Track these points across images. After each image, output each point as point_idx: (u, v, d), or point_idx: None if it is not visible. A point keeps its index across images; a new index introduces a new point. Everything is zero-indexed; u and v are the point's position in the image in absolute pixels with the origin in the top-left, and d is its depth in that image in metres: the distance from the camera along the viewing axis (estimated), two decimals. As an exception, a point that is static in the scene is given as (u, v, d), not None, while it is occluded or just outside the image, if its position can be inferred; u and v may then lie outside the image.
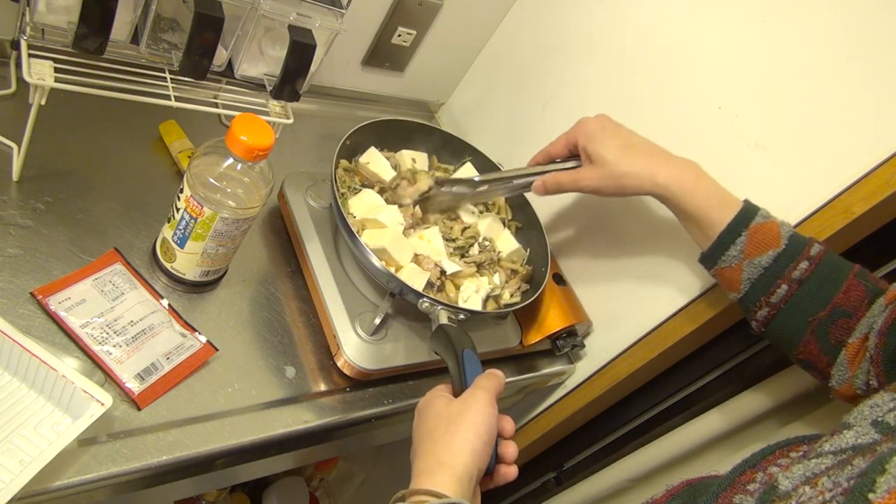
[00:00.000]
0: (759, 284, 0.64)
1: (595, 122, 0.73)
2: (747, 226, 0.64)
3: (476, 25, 1.09)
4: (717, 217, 0.66)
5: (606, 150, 0.70)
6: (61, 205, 0.70)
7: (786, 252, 0.63)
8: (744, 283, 0.65)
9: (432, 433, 0.54)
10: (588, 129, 0.73)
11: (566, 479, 1.10)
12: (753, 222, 0.64)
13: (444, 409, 0.56)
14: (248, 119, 0.60)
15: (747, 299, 0.66)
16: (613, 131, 0.72)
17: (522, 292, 0.86)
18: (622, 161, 0.69)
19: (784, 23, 0.74)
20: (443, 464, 0.51)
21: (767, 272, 0.64)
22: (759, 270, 0.64)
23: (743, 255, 0.64)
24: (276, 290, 0.78)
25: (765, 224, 0.65)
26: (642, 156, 0.70)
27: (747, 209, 0.65)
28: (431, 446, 0.53)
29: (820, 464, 0.45)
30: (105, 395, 0.54)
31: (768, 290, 0.64)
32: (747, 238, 0.64)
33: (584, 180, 0.73)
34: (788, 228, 0.65)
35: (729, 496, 0.49)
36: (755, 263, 0.64)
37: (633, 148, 0.70)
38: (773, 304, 0.64)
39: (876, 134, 0.68)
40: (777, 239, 0.64)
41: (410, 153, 0.91)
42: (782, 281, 0.63)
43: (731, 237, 0.65)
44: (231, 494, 1.37)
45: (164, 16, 0.72)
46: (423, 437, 0.55)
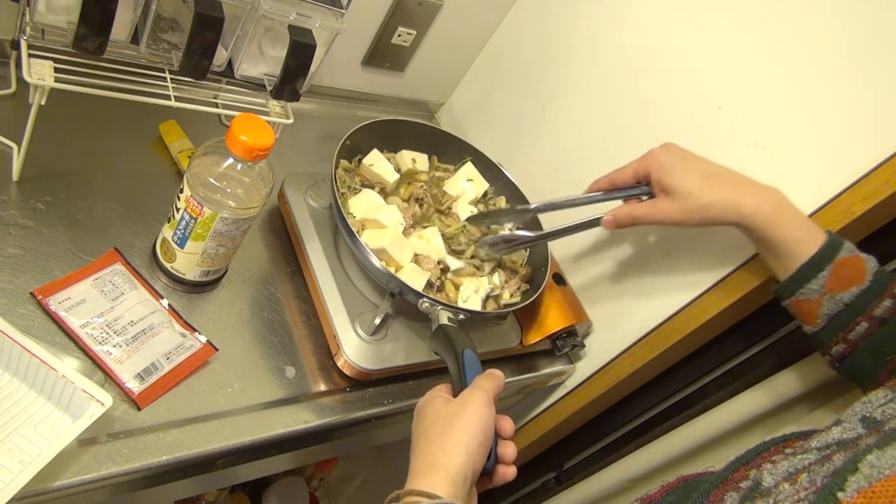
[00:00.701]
0: (838, 320, 0.62)
1: (667, 152, 0.70)
2: (832, 260, 0.62)
3: (476, 25, 1.09)
4: (799, 249, 0.63)
5: (687, 181, 0.67)
6: (61, 205, 0.70)
7: (870, 289, 0.61)
8: (821, 317, 0.63)
9: (428, 433, 0.54)
10: (662, 160, 0.70)
11: (566, 479, 1.10)
12: (838, 257, 0.62)
13: (441, 410, 0.56)
14: (248, 119, 0.60)
15: (824, 334, 0.64)
16: (689, 161, 0.69)
17: (522, 292, 0.86)
18: (705, 192, 0.66)
19: (784, 23, 0.74)
20: (437, 464, 0.51)
21: (848, 308, 0.62)
22: (839, 306, 0.62)
23: (824, 290, 0.62)
24: (276, 290, 0.78)
25: (850, 259, 0.62)
26: (726, 185, 0.67)
27: (833, 242, 0.63)
28: (427, 446, 0.53)
29: (804, 459, 0.45)
30: (105, 395, 0.54)
31: (847, 327, 0.62)
32: (831, 272, 0.62)
33: (664, 213, 0.69)
34: (873, 264, 0.63)
35: (721, 493, 0.50)
36: (836, 299, 0.62)
37: (714, 178, 0.67)
38: (851, 340, 0.62)
39: (876, 134, 0.68)
40: (862, 275, 0.61)
41: (410, 154, 0.91)
42: (863, 318, 0.61)
43: (814, 271, 0.62)
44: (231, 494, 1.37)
45: (164, 16, 0.72)
46: (420, 436, 0.55)
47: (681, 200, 0.68)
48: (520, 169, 1.01)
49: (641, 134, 0.89)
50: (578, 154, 0.98)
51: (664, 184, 0.69)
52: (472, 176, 0.93)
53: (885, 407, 0.46)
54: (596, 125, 0.96)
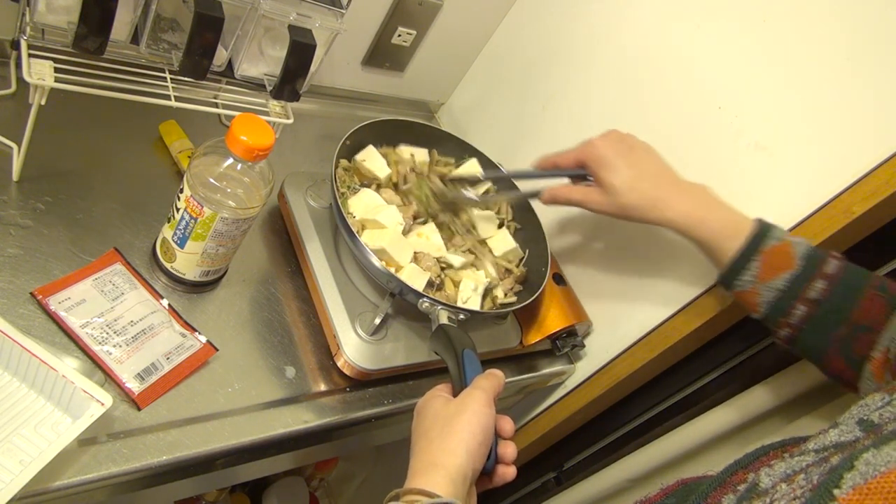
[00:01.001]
0: (777, 306, 0.64)
1: (606, 144, 0.72)
2: (758, 250, 0.64)
3: (476, 25, 1.09)
4: (728, 245, 0.66)
5: (616, 178, 0.70)
6: (61, 205, 0.70)
7: (800, 273, 0.63)
8: (761, 305, 0.65)
9: (428, 433, 0.54)
10: (599, 153, 0.72)
11: (566, 479, 1.10)
12: (765, 246, 0.64)
13: (441, 409, 0.56)
14: (248, 119, 0.60)
15: (767, 321, 0.66)
16: (626, 157, 0.71)
17: (517, 293, 0.86)
18: (631, 194, 0.69)
19: (784, 23, 0.74)
20: (436, 463, 0.51)
21: (783, 294, 0.63)
22: (774, 293, 0.64)
23: (757, 279, 0.64)
24: (276, 290, 0.78)
25: (777, 246, 0.64)
26: (651, 188, 0.69)
27: (758, 233, 0.65)
28: (427, 446, 0.53)
29: (801, 461, 0.45)
30: (105, 395, 0.54)
31: (786, 312, 0.64)
32: (760, 262, 0.64)
33: (593, 203, 0.72)
34: (803, 247, 0.64)
35: (718, 496, 0.50)
36: (770, 286, 0.64)
37: (642, 179, 0.70)
38: (793, 324, 0.64)
39: (876, 134, 0.68)
40: (790, 260, 0.63)
41: (409, 149, 0.91)
42: (798, 302, 0.63)
43: (743, 262, 0.65)
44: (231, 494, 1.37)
45: (164, 16, 0.72)
46: (420, 436, 0.55)
47: (608, 196, 0.71)
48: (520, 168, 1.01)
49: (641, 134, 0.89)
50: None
51: (597, 176, 0.72)
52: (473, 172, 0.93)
53: (882, 410, 0.46)
54: (596, 125, 0.95)
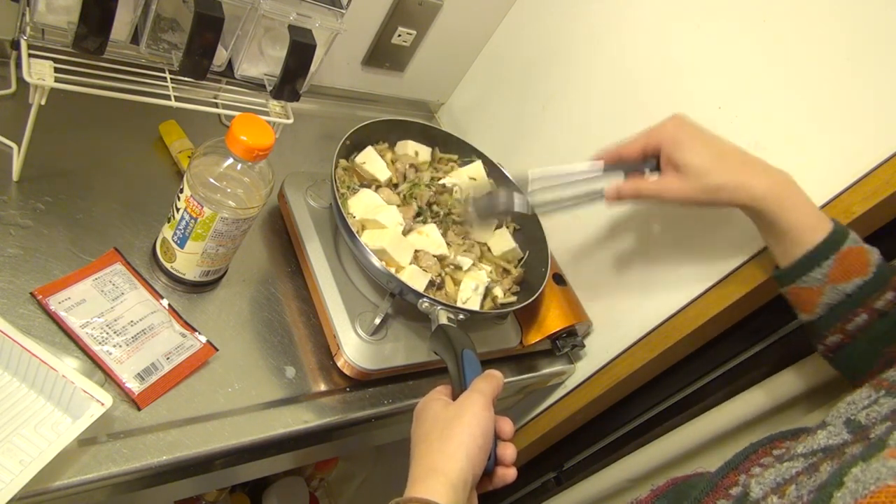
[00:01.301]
0: (838, 310, 0.62)
1: (678, 125, 0.67)
2: (837, 249, 0.61)
3: (476, 25, 1.09)
4: (806, 237, 0.62)
5: (699, 159, 0.64)
6: (61, 205, 0.70)
7: (872, 281, 0.60)
8: (821, 306, 0.63)
9: (427, 437, 0.54)
10: (673, 134, 0.66)
11: (566, 479, 1.10)
12: (844, 246, 0.61)
13: (440, 413, 0.56)
14: (248, 119, 0.60)
15: (821, 323, 0.64)
16: (701, 137, 0.66)
17: (514, 293, 0.86)
18: (717, 172, 0.64)
19: (784, 23, 0.74)
20: (436, 470, 0.50)
21: (849, 299, 0.61)
22: (840, 296, 0.61)
23: (827, 279, 0.61)
24: (276, 290, 0.78)
25: (854, 249, 0.61)
26: (737, 165, 0.64)
27: (839, 231, 0.62)
28: (426, 451, 0.53)
29: (791, 468, 0.45)
30: (105, 395, 0.54)
31: (846, 318, 0.62)
32: (835, 262, 0.61)
33: (672, 191, 0.66)
34: (877, 256, 0.62)
35: (711, 501, 0.49)
36: (838, 289, 0.61)
37: (726, 157, 0.65)
38: (849, 331, 0.62)
39: (876, 134, 0.68)
40: (865, 266, 0.61)
41: (414, 145, 0.91)
42: (863, 310, 0.61)
43: (819, 259, 0.61)
44: (231, 494, 1.37)
45: (164, 16, 0.72)
46: (419, 440, 0.55)
47: (691, 179, 0.65)
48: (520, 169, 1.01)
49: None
50: (579, 154, 0.97)
51: (675, 159, 0.65)
52: (477, 175, 0.93)
53: (868, 409, 0.46)
54: (596, 125, 0.96)
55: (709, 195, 0.64)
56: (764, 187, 0.62)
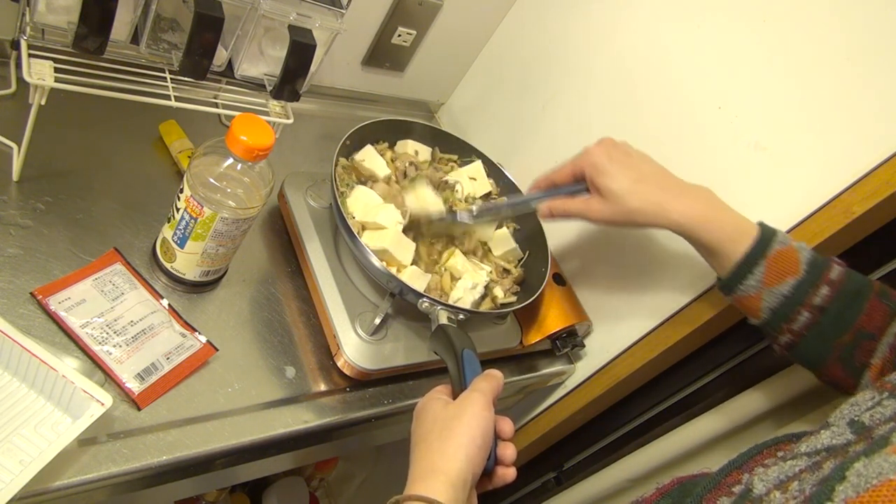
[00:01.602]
0: (780, 312, 0.63)
1: (602, 152, 0.70)
2: (764, 255, 0.63)
3: (476, 25, 1.09)
4: (732, 248, 0.64)
5: (616, 184, 0.67)
6: (61, 205, 0.70)
7: (805, 279, 0.62)
8: (764, 311, 0.64)
9: (427, 437, 0.54)
10: (596, 160, 0.69)
11: (566, 479, 1.10)
12: (771, 250, 0.63)
13: (440, 413, 0.56)
14: (248, 119, 0.60)
15: (768, 326, 0.65)
16: (623, 162, 0.69)
17: (514, 293, 0.86)
18: (633, 197, 0.67)
19: (784, 23, 0.74)
20: (437, 469, 0.50)
21: (788, 300, 0.62)
22: (779, 299, 0.63)
23: (762, 284, 0.63)
24: (276, 290, 0.78)
25: (783, 251, 0.63)
26: (654, 190, 0.67)
27: (764, 237, 0.63)
28: (426, 451, 0.53)
29: (794, 466, 0.45)
30: (105, 395, 0.54)
31: (789, 318, 0.63)
32: (766, 267, 0.63)
33: (594, 212, 0.70)
34: (807, 253, 0.63)
35: (713, 498, 0.49)
36: (775, 292, 0.63)
37: (643, 181, 0.67)
38: (796, 330, 0.63)
39: (876, 134, 0.68)
40: (796, 266, 0.62)
41: (414, 144, 0.91)
42: (803, 308, 0.62)
43: (749, 267, 0.63)
44: (231, 494, 1.37)
45: (164, 16, 0.72)
46: (419, 440, 0.55)
47: (610, 203, 0.68)
48: (520, 169, 1.01)
49: (641, 133, 0.89)
50: (578, 154, 0.98)
51: (596, 184, 0.69)
52: (477, 175, 0.93)
53: (872, 411, 0.46)
54: (596, 125, 0.96)
55: (627, 218, 0.68)
56: (679, 210, 0.65)
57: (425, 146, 0.92)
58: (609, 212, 0.68)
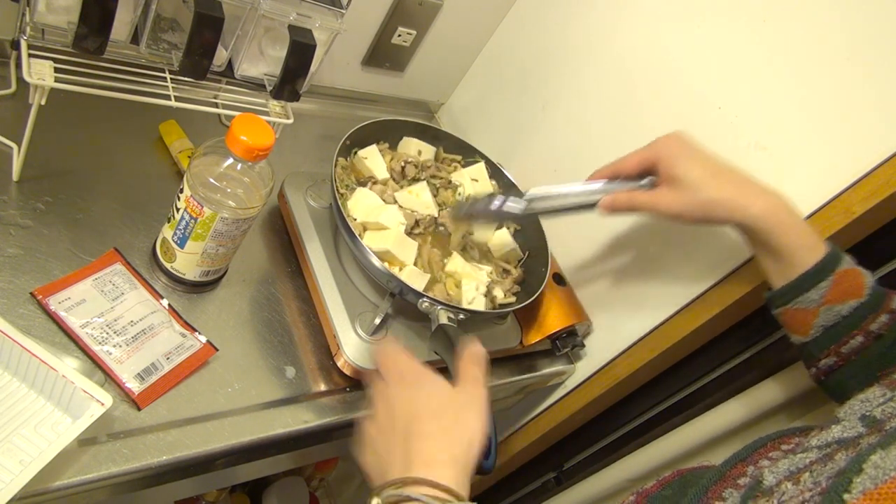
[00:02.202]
0: (833, 332, 0.61)
1: (676, 141, 0.67)
2: (834, 270, 0.60)
3: (476, 25, 1.09)
4: (803, 256, 0.61)
5: (695, 174, 0.64)
6: (61, 205, 0.70)
7: (867, 303, 0.60)
8: (815, 328, 0.62)
9: (440, 419, 0.51)
10: (670, 149, 0.66)
11: (566, 479, 1.10)
12: (840, 267, 0.61)
13: (450, 395, 0.54)
14: (248, 119, 0.60)
15: (814, 345, 0.63)
16: (699, 153, 0.66)
17: (515, 293, 0.86)
18: (711, 187, 0.63)
19: (784, 23, 0.74)
20: (456, 459, 0.49)
21: (845, 321, 0.60)
22: (836, 318, 0.61)
23: (823, 300, 0.61)
24: (276, 290, 0.78)
25: (850, 271, 0.61)
26: (733, 183, 0.64)
27: (835, 252, 0.61)
28: (442, 435, 0.50)
29: (805, 458, 0.45)
30: (105, 395, 0.54)
31: (840, 340, 0.61)
32: (832, 283, 0.60)
33: (665, 204, 0.66)
34: (870, 278, 0.62)
35: (719, 490, 0.49)
36: (834, 310, 0.61)
37: (721, 174, 0.64)
38: (843, 354, 0.61)
39: (876, 134, 0.68)
40: (861, 288, 0.60)
41: (418, 144, 0.91)
42: (858, 332, 0.60)
43: (816, 280, 0.61)
44: (231, 494, 1.37)
45: (164, 16, 0.72)
46: (428, 417, 0.52)
47: (686, 193, 0.64)
48: (520, 169, 1.01)
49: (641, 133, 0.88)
50: (578, 154, 0.98)
51: (671, 173, 0.65)
52: (479, 177, 0.93)
53: (884, 406, 0.46)
54: (596, 125, 0.96)
55: (703, 210, 0.64)
56: (760, 206, 0.62)
57: (429, 146, 0.92)
58: (683, 202, 0.64)
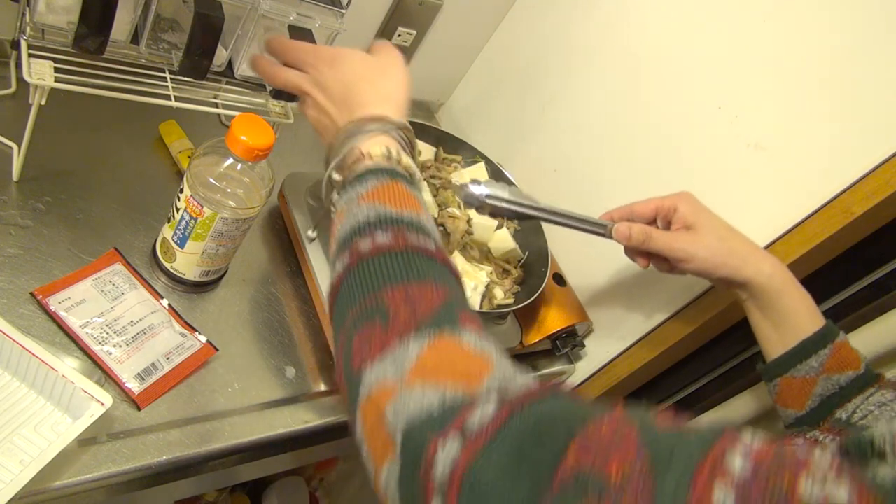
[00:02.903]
0: (831, 403, 0.61)
1: (694, 197, 0.69)
2: (833, 339, 0.61)
3: (476, 25, 1.09)
4: (802, 323, 0.62)
5: (713, 223, 0.66)
6: (61, 205, 0.70)
7: (864, 375, 0.61)
8: (812, 397, 0.62)
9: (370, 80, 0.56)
10: (692, 199, 0.68)
11: (566, 479, 1.10)
12: (838, 338, 0.62)
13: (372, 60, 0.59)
14: (248, 119, 0.60)
15: (811, 417, 0.63)
16: (712, 212, 0.68)
17: (515, 293, 0.86)
18: (729, 240, 0.65)
19: (784, 22, 0.74)
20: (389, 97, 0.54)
21: (843, 391, 0.60)
22: (835, 388, 0.61)
23: (822, 368, 0.61)
24: (276, 290, 0.78)
25: (845, 343, 0.62)
26: (744, 241, 0.66)
27: (831, 324, 0.62)
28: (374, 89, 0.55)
29: None
30: (105, 395, 0.54)
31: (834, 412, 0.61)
32: (832, 351, 0.61)
33: (680, 246, 0.66)
34: (863, 353, 0.63)
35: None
36: (832, 380, 0.61)
37: (736, 232, 0.67)
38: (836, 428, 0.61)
39: (876, 134, 0.68)
40: (857, 360, 0.61)
41: (417, 144, 0.91)
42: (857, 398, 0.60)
43: (816, 347, 0.61)
44: (231, 494, 1.37)
45: (164, 16, 0.72)
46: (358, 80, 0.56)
47: (704, 237, 0.65)
48: (520, 169, 1.01)
49: (642, 134, 0.89)
50: (579, 154, 0.98)
51: (694, 219, 0.67)
52: (479, 177, 0.93)
53: None
54: (596, 125, 0.96)
55: (720, 257, 0.64)
56: (771, 265, 0.64)
57: (429, 146, 0.92)
58: (700, 246, 0.65)
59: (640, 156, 0.89)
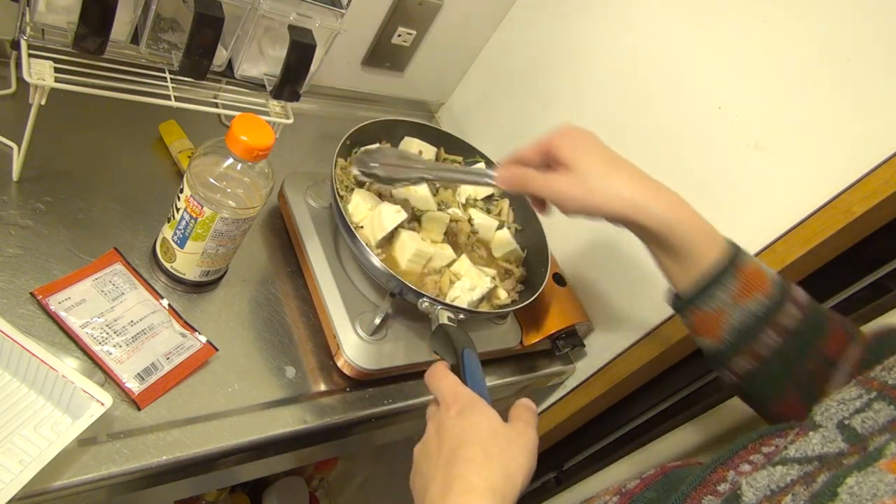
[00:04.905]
0: (747, 333, 0.56)
1: (576, 130, 0.63)
2: (737, 266, 0.56)
3: (476, 25, 1.09)
4: (705, 253, 0.57)
5: (591, 161, 0.59)
6: (61, 205, 0.70)
7: (775, 296, 0.56)
8: (728, 331, 0.57)
9: (485, 447, 0.50)
10: (572, 136, 0.62)
11: (566, 479, 1.10)
12: (743, 262, 0.56)
13: (501, 427, 0.52)
14: (248, 119, 0.60)
15: (729, 350, 0.58)
16: (600, 145, 0.62)
17: (519, 293, 0.86)
18: (609, 178, 0.58)
19: (784, 23, 0.74)
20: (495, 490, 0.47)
21: (757, 319, 0.56)
22: (747, 317, 0.56)
23: (732, 299, 0.56)
24: (276, 290, 0.78)
25: (752, 264, 0.57)
26: (632, 178, 0.59)
27: (734, 248, 0.57)
28: (485, 462, 0.49)
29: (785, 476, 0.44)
30: (105, 395, 0.54)
31: (755, 339, 0.56)
32: (738, 280, 0.56)
33: (557, 188, 0.60)
34: (771, 270, 0.57)
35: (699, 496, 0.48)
36: (743, 309, 0.56)
37: (620, 167, 0.60)
38: (760, 355, 0.57)
39: (876, 134, 0.68)
40: (765, 282, 0.56)
41: (419, 143, 0.91)
42: (771, 328, 0.56)
43: (721, 277, 0.56)
44: (231, 494, 1.37)
45: (164, 16, 0.72)
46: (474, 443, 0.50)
47: (578, 179, 0.59)
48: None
49: (641, 133, 0.89)
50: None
51: (568, 159, 0.60)
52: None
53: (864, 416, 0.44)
54: (596, 125, 0.94)
55: (596, 199, 0.58)
56: (658, 205, 0.57)
57: (430, 146, 0.92)
58: (574, 189, 0.59)
59: (640, 156, 0.89)
